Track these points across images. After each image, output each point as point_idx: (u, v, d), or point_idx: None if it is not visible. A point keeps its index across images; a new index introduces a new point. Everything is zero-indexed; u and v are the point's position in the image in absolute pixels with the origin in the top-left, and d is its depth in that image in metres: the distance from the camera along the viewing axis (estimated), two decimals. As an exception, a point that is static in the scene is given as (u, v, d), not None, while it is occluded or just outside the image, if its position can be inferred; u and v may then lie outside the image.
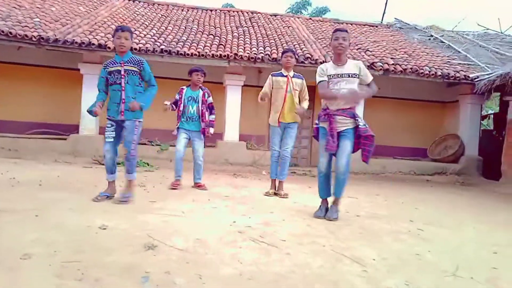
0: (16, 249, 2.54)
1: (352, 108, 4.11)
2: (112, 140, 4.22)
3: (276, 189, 5.52)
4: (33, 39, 7.97)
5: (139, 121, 4.24)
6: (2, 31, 7.85)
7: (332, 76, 4.09)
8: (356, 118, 4.10)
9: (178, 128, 5.59)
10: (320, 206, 4.29)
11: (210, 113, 5.62)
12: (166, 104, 5.48)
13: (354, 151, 4.18)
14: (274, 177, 5.58)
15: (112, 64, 4.18)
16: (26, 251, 2.50)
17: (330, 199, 4.30)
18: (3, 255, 2.44)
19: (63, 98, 9.59)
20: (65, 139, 8.73)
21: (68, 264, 2.36)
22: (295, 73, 5.53)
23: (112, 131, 4.22)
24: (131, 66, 4.14)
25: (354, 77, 4.09)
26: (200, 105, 5.50)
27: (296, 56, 5.55)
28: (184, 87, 5.66)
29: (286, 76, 5.40)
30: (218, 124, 9.52)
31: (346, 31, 4.20)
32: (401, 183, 8.43)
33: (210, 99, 5.62)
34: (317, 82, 4.20)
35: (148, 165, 7.96)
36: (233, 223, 3.64)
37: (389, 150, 11.08)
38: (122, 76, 4.12)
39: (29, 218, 3.29)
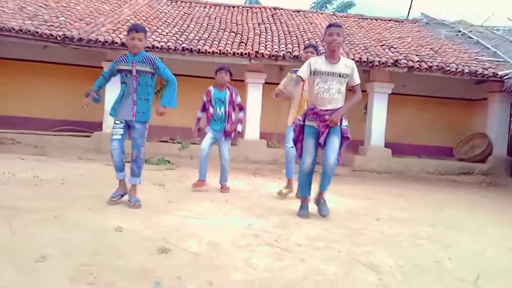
0: (33, 251, 2.58)
1: (341, 108, 4.04)
2: (120, 137, 4.02)
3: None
4: (58, 38, 8.14)
5: (148, 124, 4.11)
6: (29, 31, 8.06)
7: (323, 74, 3.99)
8: (342, 118, 4.07)
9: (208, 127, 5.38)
10: (302, 204, 4.27)
11: (240, 112, 5.37)
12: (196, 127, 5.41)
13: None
14: (291, 176, 5.24)
15: (124, 62, 3.97)
16: (43, 253, 2.54)
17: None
18: (19, 257, 2.49)
19: (87, 96, 9.78)
20: (89, 136, 8.91)
21: (82, 267, 2.39)
22: None
23: (121, 128, 4.03)
24: (144, 66, 3.94)
25: (345, 77, 4.04)
26: (227, 105, 5.25)
27: (319, 52, 5.12)
28: (211, 87, 5.38)
29: None
30: (239, 122, 9.59)
31: (340, 26, 4.05)
32: (425, 183, 8.25)
33: (239, 99, 5.35)
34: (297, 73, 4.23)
35: (169, 162, 8.03)
36: (248, 225, 3.62)
37: (414, 149, 10.89)
38: (134, 77, 3.93)
39: (48, 218, 3.35)
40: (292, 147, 4.96)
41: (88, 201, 4.07)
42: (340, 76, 4.00)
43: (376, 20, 13.41)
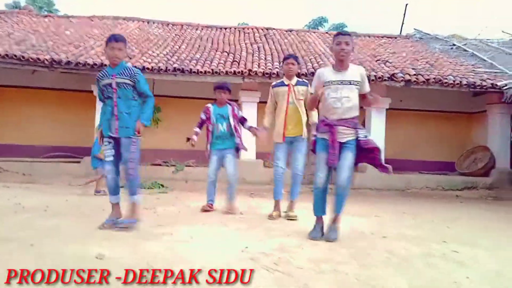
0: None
1: (354, 118, 3.76)
2: (112, 159, 3.87)
3: (286, 209, 4.98)
4: (46, 62, 7.93)
5: (136, 139, 3.85)
6: (15, 55, 7.84)
7: (332, 83, 3.72)
8: (357, 129, 3.77)
9: (210, 149, 5.22)
10: (315, 225, 3.88)
11: (244, 124, 5.18)
12: (192, 140, 5.16)
13: (355, 163, 3.88)
14: (278, 198, 4.96)
15: (104, 77, 3.81)
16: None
17: (326, 217, 3.92)
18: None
19: (77, 121, 9.52)
20: (79, 162, 8.59)
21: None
22: (299, 80, 4.90)
23: (111, 149, 3.86)
24: (123, 78, 3.75)
25: (357, 84, 3.76)
26: (231, 121, 5.08)
27: (299, 62, 5.00)
28: (209, 105, 5.23)
29: (287, 85, 4.79)
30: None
31: (349, 34, 3.80)
32: (428, 199, 7.94)
33: (241, 113, 5.24)
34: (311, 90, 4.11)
35: (162, 186, 7.71)
36: (245, 248, 3.29)
37: (414, 165, 10.62)
38: (114, 90, 3.75)
39: (22, 247, 3.02)
40: (281, 166, 4.93)
41: (70, 229, 3.75)
42: (350, 83, 3.72)
43: (369, 36, 13.35)
